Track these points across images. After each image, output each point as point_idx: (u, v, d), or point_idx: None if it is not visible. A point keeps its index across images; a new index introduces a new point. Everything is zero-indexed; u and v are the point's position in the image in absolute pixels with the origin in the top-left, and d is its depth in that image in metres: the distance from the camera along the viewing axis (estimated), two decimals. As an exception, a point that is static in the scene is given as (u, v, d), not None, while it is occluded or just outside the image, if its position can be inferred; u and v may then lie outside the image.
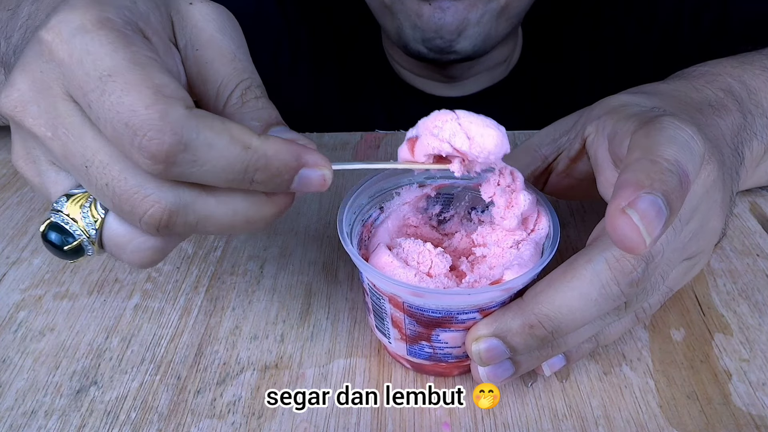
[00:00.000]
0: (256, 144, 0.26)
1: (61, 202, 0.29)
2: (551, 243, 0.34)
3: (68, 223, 0.29)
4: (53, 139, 0.27)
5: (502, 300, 0.33)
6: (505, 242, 0.35)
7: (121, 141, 0.25)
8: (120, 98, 0.25)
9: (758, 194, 0.51)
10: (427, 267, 0.34)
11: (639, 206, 0.25)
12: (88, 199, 0.29)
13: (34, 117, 0.28)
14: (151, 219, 0.27)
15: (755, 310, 0.41)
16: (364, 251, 0.37)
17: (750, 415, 0.34)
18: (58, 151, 0.28)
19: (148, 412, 0.35)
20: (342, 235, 0.34)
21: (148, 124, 0.25)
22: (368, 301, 0.36)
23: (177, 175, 0.26)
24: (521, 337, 0.31)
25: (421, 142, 0.32)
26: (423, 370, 0.37)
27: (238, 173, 0.26)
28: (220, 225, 0.28)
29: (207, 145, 0.25)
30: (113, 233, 0.29)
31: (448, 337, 0.34)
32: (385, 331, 0.36)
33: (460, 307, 0.32)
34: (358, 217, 0.37)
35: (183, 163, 0.25)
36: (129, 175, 0.26)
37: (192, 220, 0.27)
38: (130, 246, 0.29)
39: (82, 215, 0.29)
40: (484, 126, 0.31)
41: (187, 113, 0.25)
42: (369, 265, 0.33)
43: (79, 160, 0.27)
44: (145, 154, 0.25)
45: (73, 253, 0.29)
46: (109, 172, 0.27)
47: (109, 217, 0.29)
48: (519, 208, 0.35)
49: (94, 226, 0.29)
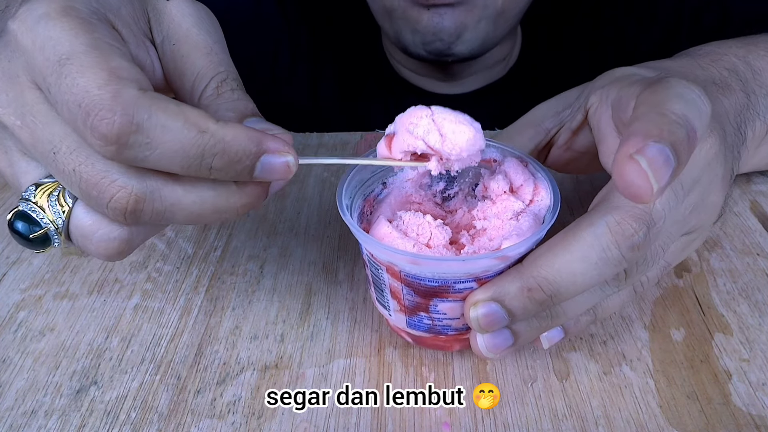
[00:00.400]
0: (213, 128, 0.26)
1: (30, 191, 0.29)
2: (551, 213, 0.34)
3: (35, 212, 0.29)
4: (22, 127, 0.28)
5: (499, 269, 0.32)
6: (505, 214, 0.35)
7: (75, 123, 0.25)
8: (75, 80, 0.25)
9: (759, 193, 0.51)
10: (426, 238, 0.34)
11: (647, 153, 0.25)
12: (56, 189, 0.29)
13: (3, 106, 0.28)
14: (118, 204, 0.26)
15: (755, 309, 0.41)
16: (366, 225, 0.37)
17: (750, 415, 0.34)
18: (27, 139, 0.28)
19: (148, 412, 0.35)
20: (341, 206, 0.34)
21: (100, 104, 0.24)
22: (368, 273, 0.36)
23: (131, 158, 0.25)
24: (520, 301, 0.30)
25: (397, 139, 0.32)
26: (423, 343, 0.37)
27: (194, 158, 0.26)
28: (188, 214, 0.28)
29: (160, 126, 0.25)
30: (80, 222, 0.29)
31: (447, 308, 0.34)
32: (384, 303, 0.36)
33: (457, 275, 0.32)
34: (360, 191, 0.37)
35: (135, 146, 0.25)
36: (95, 161, 0.26)
37: (159, 208, 0.27)
38: (96, 235, 0.29)
39: (49, 204, 0.29)
40: (457, 123, 0.31)
41: (140, 94, 0.25)
42: (365, 234, 0.33)
43: (47, 146, 0.27)
44: (96, 135, 0.25)
45: (39, 243, 0.29)
46: (76, 157, 0.27)
47: (76, 207, 0.29)
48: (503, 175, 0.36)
49: (61, 215, 0.29)
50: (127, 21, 0.29)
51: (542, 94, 0.74)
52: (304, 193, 0.52)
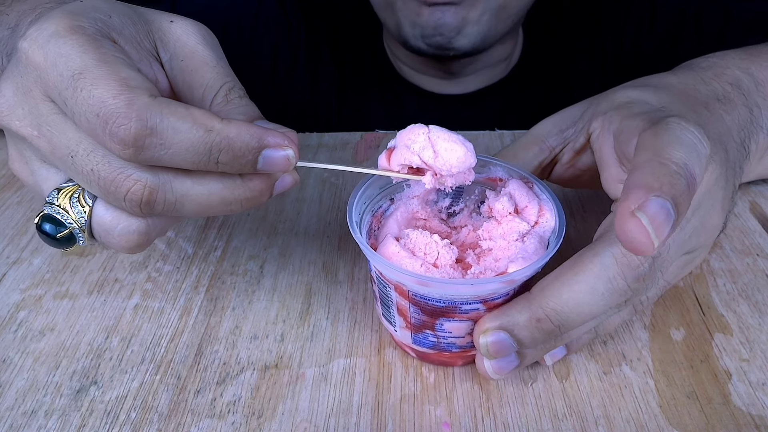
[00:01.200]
0: (219, 127, 0.28)
1: (53, 195, 0.32)
2: (557, 236, 0.34)
3: (60, 213, 0.31)
4: (39, 137, 0.30)
5: (506, 291, 0.33)
6: (510, 235, 0.36)
7: (95, 131, 0.27)
8: (90, 92, 0.27)
9: (758, 194, 0.51)
10: (433, 258, 0.35)
11: (648, 209, 0.26)
12: (77, 191, 0.31)
13: (19, 119, 0.30)
14: (134, 196, 0.29)
15: (755, 309, 0.41)
16: (373, 241, 0.37)
17: (750, 415, 0.34)
18: (45, 148, 0.30)
19: (148, 412, 0.35)
20: (351, 223, 0.34)
21: (116, 112, 0.27)
22: (375, 289, 0.36)
23: (148, 159, 0.28)
24: (528, 331, 0.31)
25: (396, 153, 0.34)
26: (427, 359, 0.37)
27: (203, 155, 0.28)
28: (198, 205, 0.30)
29: (172, 128, 0.27)
30: (101, 219, 0.31)
31: (452, 327, 0.34)
32: (391, 319, 0.36)
33: (464, 297, 0.32)
34: (369, 207, 0.38)
35: (151, 147, 0.27)
36: (111, 159, 0.29)
37: (171, 198, 0.30)
38: (117, 229, 0.31)
39: (71, 206, 0.31)
40: (450, 141, 0.33)
41: (151, 101, 0.27)
42: (376, 253, 0.34)
43: (65, 151, 0.29)
44: (116, 140, 0.27)
45: (66, 241, 0.32)
46: (93, 158, 0.29)
47: (96, 205, 0.31)
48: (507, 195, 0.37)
49: (83, 214, 0.31)
50: (131, 40, 0.31)
51: (543, 94, 0.74)
52: (304, 193, 0.52)
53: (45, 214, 0.31)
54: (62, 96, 0.28)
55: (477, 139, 0.58)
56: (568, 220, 0.48)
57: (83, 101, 0.27)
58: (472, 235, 0.39)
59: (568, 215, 0.48)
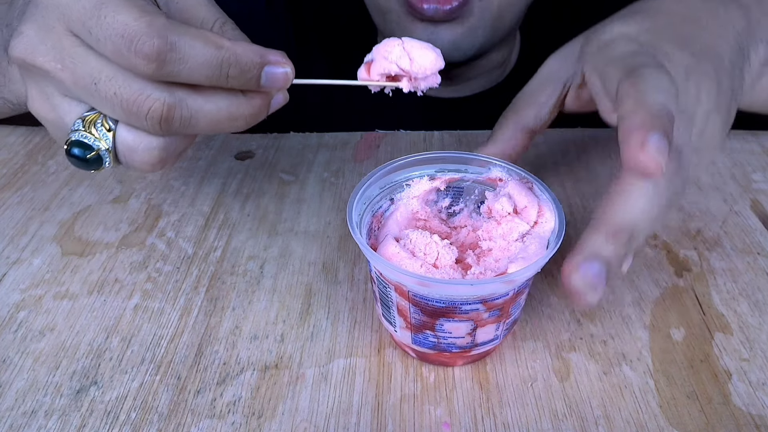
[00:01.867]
0: (228, 44, 0.32)
1: (77, 123, 0.34)
2: (556, 237, 0.34)
3: (87, 138, 0.34)
4: (62, 69, 0.33)
5: (506, 292, 0.33)
6: (510, 236, 0.36)
7: (120, 51, 0.31)
8: (114, 17, 0.31)
9: (759, 192, 0.51)
10: (433, 258, 0.35)
11: (650, 144, 0.31)
12: (99, 117, 0.34)
13: (43, 55, 0.33)
14: (154, 113, 0.32)
15: (755, 309, 0.41)
16: (374, 241, 0.38)
17: (750, 415, 0.34)
18: (68, 79, 0.33)
19: (148, 412, 0.35)
20: (351, 223, 0.34)
21: (139, 32, 0.30)
22: (375, 290, 0.36)
23: (168, 73, 0.31)
24: (612, 247, 0.33)
25: (375, 64, 0.37)
26: (427, 359, 0.37)
27: (215, 69, 0.32)
28: (209, 121, 0.33)
29: (188, 45, 0.31)
30: (124, 140, 0.34)
31: (452, 327, 0.34)
32: (391, 320, 0.36)
33: (464, 297, 0.32)
34: (369, 208, 0.38)
35: (171, 62, 0.31)
36: (132, 82, 0.32)
37: (186, 115, 0.33)
38: (140, 147, 0.34)
39: (97, 130, 0.34)
40: (422, 48, 0.37)
41: (168, 21, 0.31)
42: (376, 254, 0.34)
43: (88, 80, 0.33)
44: (141, 56, 0.30)
45: (94, 163, 0.35)
46: (115, 82, 0.32)
47: (119, 128, 0.34)
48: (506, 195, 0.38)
49: (108, 137, 0.34)
50: None
51: None
52: (304, 193, 0.52)
53: (73, 140, 0.34)
54: (87, 26, 0.31)
55: (477, 139, 0.58)
56: (568, 220, 0.48)
57: (108, 26, 0.31)
58: (472, 236, 0.39)
59: (568, 215, 0.48)
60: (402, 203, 0.39)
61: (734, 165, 0.54)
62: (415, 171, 0.40)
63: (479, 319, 0.34)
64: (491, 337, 0.35)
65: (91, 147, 0.34)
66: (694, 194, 0.51)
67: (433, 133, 0.59)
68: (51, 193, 0.51)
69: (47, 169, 0.54)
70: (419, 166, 0.40)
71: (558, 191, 0.51)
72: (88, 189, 0.52)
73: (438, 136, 0.59)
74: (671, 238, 0.47)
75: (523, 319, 0.40)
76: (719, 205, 0.50)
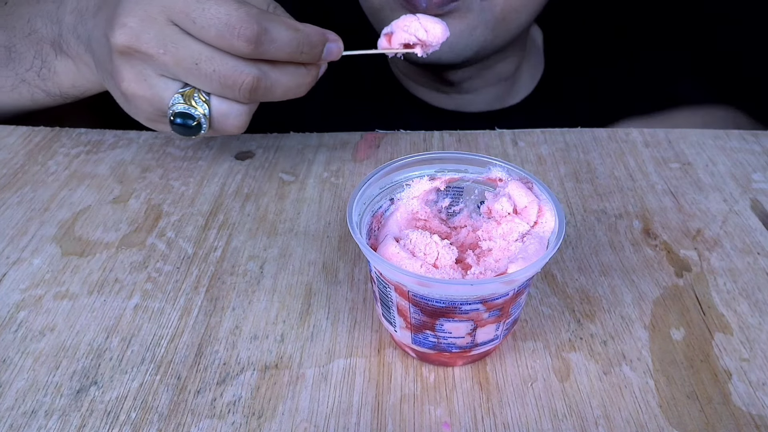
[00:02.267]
0: (302, 27, 0.41)
1: (177, 98, 0.41)
2: (556, 237, 0.34)
3: (189, 109, 0.41)
4: (164, 53, 0.40)
5: (506, 292, 0.33)
6: (510, 236, 0.36)
7: (223, 36, 0.38)
8: (217, 9, 0.38)
9: (759, 191, 0.51)
10: (433, 258, 0.35)
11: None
12: (195, 92, 0.41)
13: (147, 42, 0.40)
14: (247, 85, 0.40)
15: (755, 309, 0.41)
16: (373, 241, 0.38)
17: (750, 415, 0.34)
18: (170, 61, 0.40)
19: (148, 412, 0.35)
20: (351, 223, 0.35)
21: (240, 20, 0.38)
22: (375, 289, 0.37)
23: (261, 52, 0.39)
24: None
25: (396, 35, 0.46)
26: (428, 359, 0.37)
27: (295, 47, 0.40)
28: (284, 89, 0.42)
29: (276, 29, 0.39)
30: (219, 108, 0.42)
31: (452, 327, 0.34)
32: (391, 320, 0.36)
33: (464, 297, 0.33)
34: (369, 208, 0.38)
35: (265, 43, 0.39)
36: (227, 60, 0.40)
37: (267, 85, 0.41)
38: (232, 114, 0.43)
39: (195, 102, 0.41)
40: (433, 21, 0.46)
41: (260, 11, 0.39)
42: (376, 254, 0.34)
43: (190, 61, 0.40)
44: (243, 39, 0.38)
45: (195, 129, 0.42)
46: (214, 62, 0.40)
47: (212, 100, 0.42)
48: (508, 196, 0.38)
49: (205, 107, 0.42)
50: None
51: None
52: (304, 193, 0.52)
53: (177, 112, 0.41)
54: (191, 16, 0.39)
55: (477, 139, 0.58)
56: (568, 220, 0.48)
57: (212, 15, 0.38)
58: (471, 236, 0.39)
59: (568, 215, 0.48)
60: (402, 203, 0.39)
61: (734, 165, 0.54)
62: (415, 171, 0.40)
63: (479, 319, 0.34)
64: (491, 337, 0.35)
65: (192, 116, 0.41)
66: (694, 194, 0.51)
67: (433, 133, 0.59)
68: (51, 194, 0.51)
69: (47, 169, 0.54)
70: (419, 166, 0.40)
71: (558, 191, 0.51)
72: (88, 189, 0.52)
73: (438, 136, 0.59)
74: (671, 238, 0.47)
75: (523, 319, 0.40)
76: (719, 205, 0.50)
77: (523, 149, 0.56)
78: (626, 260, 0.45)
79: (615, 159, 0.55)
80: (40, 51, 0.52)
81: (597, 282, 0.43)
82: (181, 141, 0.57)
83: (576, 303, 0.41)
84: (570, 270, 0.44)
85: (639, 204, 0.50)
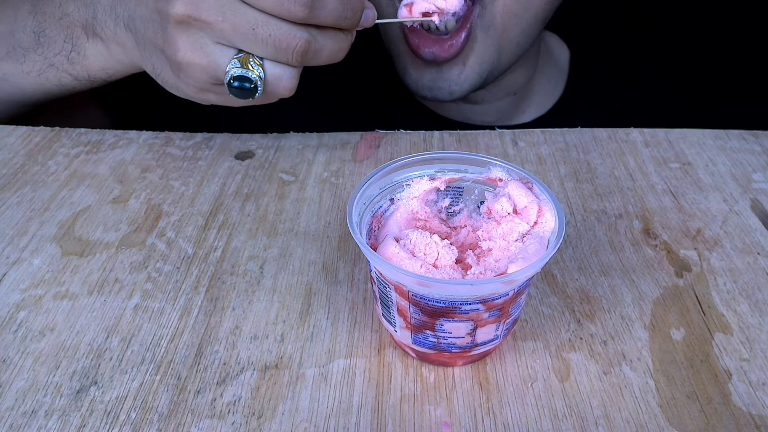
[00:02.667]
0: None
1: (234, 63, 0.44)
2: (556, 237, 0.34)
3: (246, 72, 0.44)
4: (223, 21, 0.43)
5: (506, 292, 0.33)
6: (510, 236, 0.36)
7: (281, 2, 0.41)
8: None
9: (759, 191, 0.51)
10: (433, 258, 0.35)
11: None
12: (249, 57, 0.44)
13: (206, 10, 0.42)
14: (300, 48, 0.43)
15: (755, 309, 0.41)
16: (374, 241, 0.38)
17: (750, 415, 0.34)
18: (227, 29, 0.43)
19: (148, 412, 0.35)
20: (351, 223, 0.35)
21: None
22: (375, 289, 0.37)
23: (313, 17, 0.42)
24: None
25: (416, 5, 0.52)
26: (428, 359, 0.37)
27: (341, 13, 0.44)
28: (329, 52, 0.45)
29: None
30: (273, 72, 0.45)
31: (452, 327, 0.34)
32: (391, 320, 0.36)
33: (464, 297, 0.33)
34: (368, 208, 0.38)
35: (317, 8, 0.42)
36: (281, 26, 0.43)
37: (316, 48, 0.44)
38: (285, 76, 0.46)
39: (251, 66, 0.44)
40: None
41: None
42: (376, 254, 0.34)
43: (247, 27, 0.42)
44: (300, 4, 0.41)
45: (252, 91, 0.45)
46: (268, 27, 0.43)
47: (266, 64, 0.45)
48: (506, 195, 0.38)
49: (260, 70, 0.45)
50: None
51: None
52: (304, 193, 0.52)
53: (236, 75, 0.44)
54: None
55: (477, 139, 0.58)
56: (568, 220, 0.48)
57: None
58: (471, 236, 0.39)
59: (568, 215, 0.48)
60: (402, 203, 0.39)
61: (734, 165, 0.54)
62: (415, 171, 0.40)
63: (479, 319, 0.34)
64: (491, 337, 0.35)
65: (250, 79, 0.44)
66: (694, 194, 0.51)
67: (433, 133, 0.59)
68: (51, 194, 0.51)
69: (47, 170, 0.54)
70: (419, 166, 0.40)
71: (558, 191, 0.51)
72: (88, 189, 0.52)
73: (438, 136, 0.59)
74: (671, 238, 0.47)
75: (523, 319, 0.40)
76: (719, 205, 0.50)
77: (523, 149, 0.56)
78: (626, 260, 0.45)
79: (615, 159, 0.55)
80: (70, 35, 0.53)
81: (597, 282, 0.43)
82: (180, 141, 0.57)
83: (576, 303, 0.41)
84: (570, 270, 0.44)
85: (639, 204, 0.50)
